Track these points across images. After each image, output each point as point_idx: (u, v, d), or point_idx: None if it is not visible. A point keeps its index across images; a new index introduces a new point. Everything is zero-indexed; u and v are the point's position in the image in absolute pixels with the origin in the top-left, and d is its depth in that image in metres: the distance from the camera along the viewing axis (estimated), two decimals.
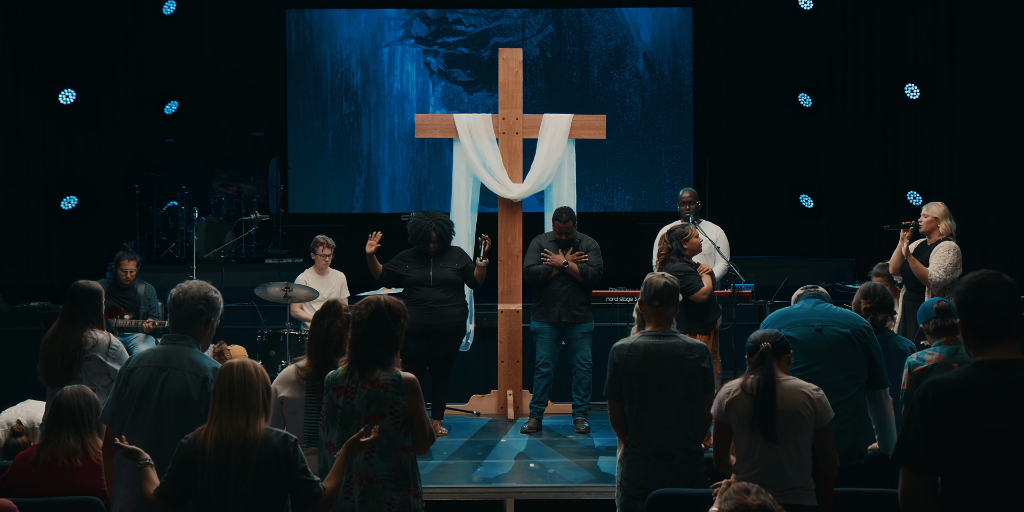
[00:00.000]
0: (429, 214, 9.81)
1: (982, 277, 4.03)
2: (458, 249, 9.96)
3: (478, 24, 16.49)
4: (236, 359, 5.03)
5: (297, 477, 4.88)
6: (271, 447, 4.84)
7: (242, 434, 4.82)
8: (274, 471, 4.83)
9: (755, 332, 5.86)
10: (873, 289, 7.13)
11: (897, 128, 15.63)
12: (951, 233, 9.17)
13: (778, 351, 5.72)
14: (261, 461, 4.81)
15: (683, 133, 16.49)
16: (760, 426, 5.53)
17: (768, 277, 13.26)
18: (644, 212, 16.21)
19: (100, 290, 7.17)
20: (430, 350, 9.68)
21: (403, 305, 5.69)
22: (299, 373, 6.16)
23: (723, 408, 5.68)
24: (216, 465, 4.80)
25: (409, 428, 5.43)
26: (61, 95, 14.88)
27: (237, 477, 4.79)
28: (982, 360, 3.97)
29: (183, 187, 14.61)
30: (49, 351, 6.88)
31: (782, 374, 5.70)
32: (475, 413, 10.56)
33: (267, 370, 5.16)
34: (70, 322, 6.97)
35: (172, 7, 15.56)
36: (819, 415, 5.60)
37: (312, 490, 4.91)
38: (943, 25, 15.04)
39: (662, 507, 5.76)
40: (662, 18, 16.44)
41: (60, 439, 5.86)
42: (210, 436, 4.83)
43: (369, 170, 16.43)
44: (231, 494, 4.79)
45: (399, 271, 9.77)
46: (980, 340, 3.99)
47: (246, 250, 14.83)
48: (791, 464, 5.55)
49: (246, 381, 4.91)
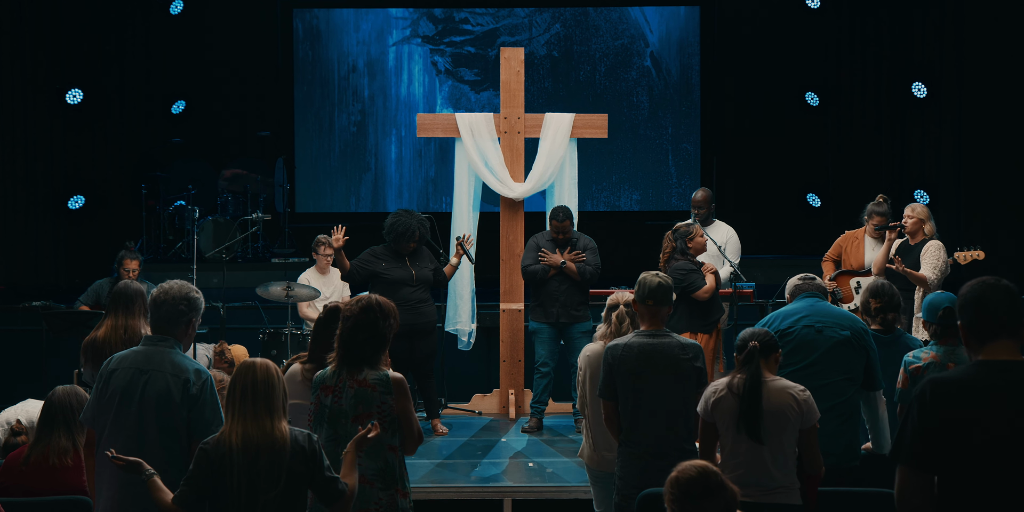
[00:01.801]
0: (411, 213, 9.79)
1: (983, 280, 4.09)
2: (426, 248, 9.95)
3: (485, 23, 16.48)
4: (257, 359, 4.96)
5: (323, 475, 4.86)
6: (299, 446, 4.81)
7: (269, 436, 4.77)
8: (303, 470, 4.81)
9: (745, 330, 5.84)
10: (881, 288, 7.10)
11: (904, 127, 15.57)
12: (934, 233, 9.39)
13: (766, 350, 5.69)
14: (292, 460, 4.78)
15: (690, 132, 16.45)
16: (745, 426, 5.52)
17: (775, 276, 13.20)
18: (651, 211, 16.18)
19: (143, 291, 7.10)
20: (412, 350, 9.62)
21: (394, 306, 5.68)
22: (304, 374, 6.17)
23: (709, 407, 5.67)
24: (246, 467, 4.75)
25: (397, 428, 5.43)
26: (68, 95, 14.91)
27: (268, 479, 4.75)
28: (982, 360, 4.00)
29: (190, 187, 14.62)
30: (107, 345, 6.72)
31: (769, 374, 5.68)
32: (477, 412, 10.56)
33: None
34: (125, 317, 6.88)
35: (179, 7, 15.58)
36: (805, 416, 5.58)
37: (337, 487, 4.89)
38: (950, 23, 15.00)
39: (652, 506, 5.73)
40: (669, 17, 16.41)
41: (52, 438, 5.87)
42: (235, 438, 4.77)
43: (376, 169, 16.43)
44: (262, 496, 4.75)
45: (373, 269, 9.69)
46: (980, 341, 4.03)
47: (252, 250, 14.84)
48: (776, 464, 5.53)
49: (270, 382, 4.85)
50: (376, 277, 9.69)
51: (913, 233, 9.52)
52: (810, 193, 16.11)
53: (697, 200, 10.52)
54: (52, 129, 14.99)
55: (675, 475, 4.35)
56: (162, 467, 5.01)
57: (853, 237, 10.18)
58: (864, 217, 10.11)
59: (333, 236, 9.65)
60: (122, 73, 15.43)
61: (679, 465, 4.38)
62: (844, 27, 15.75)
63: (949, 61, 15.05)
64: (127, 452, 5.05)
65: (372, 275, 9.69)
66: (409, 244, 9.66)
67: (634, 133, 16.35)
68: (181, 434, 5.27)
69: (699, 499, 4.28)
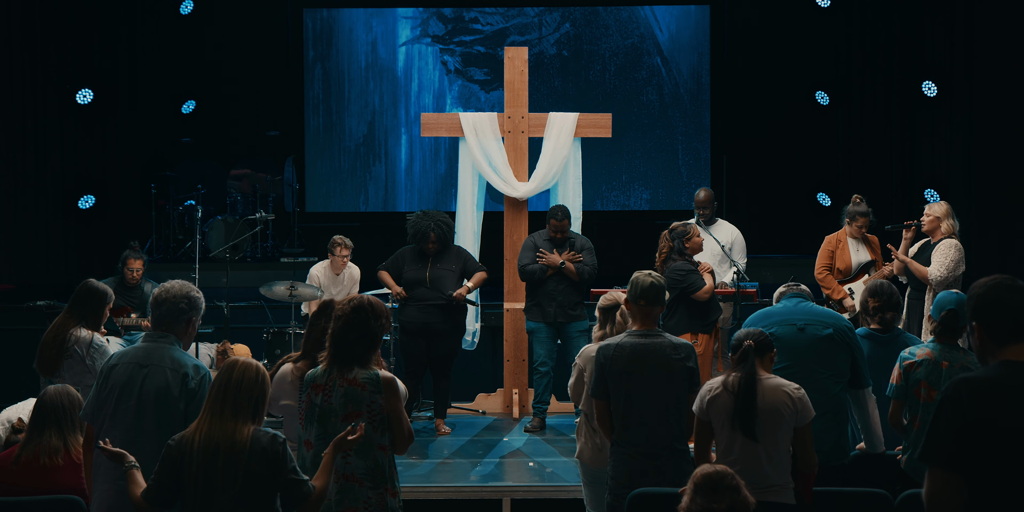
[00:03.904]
0: (428, 214, 9.83)
1: (998, 280, 4.06)
2: (458, 249, 9.97)
3: (495, 23, 16.48)
4: (241, 358, 5.00)
5: (287, 477, 4.88)
6: (260, 447, 4.83)
7: (230, 436, 4.80)
8: (264, 471, 4.83)
9: (739, 330, 5.86)
10: (880, 287, 7.08)
11: (914, 126, 15.53)
12: (953, 232, 9.26)
13: (761, 349, 5.71)
14: (251, 461, 4.80)
15: (700, 131, 16.43)
16: (740, 424, 5.53)
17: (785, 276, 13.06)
18: (661, 210, 16.14)
19: (106, 292, 7.28)
20: (429, 349, 9.73)
21: (386, 308, 5.69)
22: (295, 373, 6.18)
23: (704, 405, 5.68)
24: (203, 466, 4.79)
25: (386, 427, 5.43)
26: (79, 95, 14.95)
27: (225, 478, 4.78)
28: (1007, 361, 3.96)
29: (199, 186, 14.66)
30: (43, 343, 7.13)
31: (764, 373, 5.70)
32: (481, 412, 10.57)
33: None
34: (67, 317, 7.18)
35: (189, 7, 15.63)
36: (800, 414, 5.59)
37: (302, 489, 4.91)
38: (960, 22, 14.95)
39: (643, 506, 5.74)
40: (679, 16, 16.38)
41: (42, 438, 5.91)
42: (198, 436, 4.81)
43: (386, 169, 16.44)
44: (218, 495, 4.78)
45: (399, 272, 9.83)
46: (998, 343, 3.99)
47: (262, 249, 14.87)
48: (770, 462, 5.54)
49: (243, 384, 4.89)
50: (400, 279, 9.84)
51: (931, 231, 9.40)
52: (820, 192, 16.07)
53: (700, 200, 10.52)
54: (62, 129, 15.04)
55: (697, 470, 4.50)
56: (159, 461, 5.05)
57: (836, 240, 10.08)
58: (845, 219, 10.02)
59: (394, 290, 9.83)
60: (132, 73, 15.49)
61: (697, 493, 4.46)
62: (854, 26, 15.70)
63: (959, 60, 15.01)
64: (124, 445, 5.14)
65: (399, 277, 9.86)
66: (427, 245, 9.74)
67: (644, 132, 16.34)
68: (178, 428, 5.27)
69: (707, 494, 4.39)
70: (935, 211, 9.39)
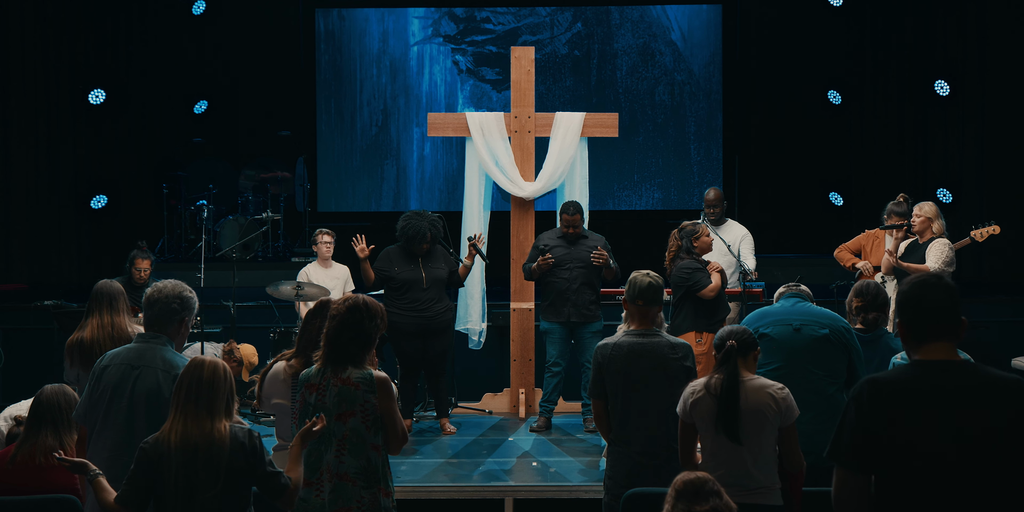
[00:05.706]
0: (422, 215, 9.79)
1: (923, 278, 4.06)
2: (440, 248, 9.94)
3: (506, 22, 16.48)
4: (205, 357, 5.04)
5: (264, 470, 4.91)
6: (239, 443, 4.86)
7: (207, 435, 4.82)
8: (243, 466, 4.86)
9: (723, 329, 5.79)
10: (865, 287, 7.06)
11: (927, 125, 15.46)
12: (943, 232, 9.35)
13: (744, 349, 5.62)
14: (232, 457, 4.83)
15: (712, 131, 16.40)
16: (723, 426, 5.46)
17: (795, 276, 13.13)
18: (673, 210, 16.11)
19: (122, 290, 7.17)
20: (425, 349, 9.69)
21: (381, 307, 5.68)
22: (287, 371, 6.20)
23: (687, 408, 5.62)
24: (183, 465, 4.80)
25: (380, 426, 5.44)
26: (91, 95, 15.01)
27: (206, 477, 4.80)
28: (919, 360, 3.96)
29: (210, 186, 14.70)
30: (95, 344, 6.73)
31: (747, 373, 5.62)
32: (487, 411, 10.56)
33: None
34: (112, 314, 6.90)
35: (202, 7, 15.66)
36: (784, 415, 5.53)
37: (279, 481, 4.95)
38: (973, 21, 14.90)
39: (637, 506, 5.73)
40: (691, 15, 16.35)
41: (39, 437, 5.92)
42: (174, 437, 4.82)
43: (398, 168, 16.46)
44: (200, 494, 4.80)
45: (389, 274, 9.74)
46: (917, 340, 3.98)
47: (272, 249, 14.89)
48: (756, 464, 5.48)
49: (214, 382, 4.91)
50: (389, 280, 9.72)
51: (921, 232, 9.48)
52: (832, 192, 16.03)
53: (709, 199, 10.53)
54: (75, 129, 15.11)
55: (678, 477, 4.50)
56: None
57: (874, 236, 10.15)
58: (884, 216, 10.07)
59: (357, 246, 9.67)
60: (144, 73, 15.52)
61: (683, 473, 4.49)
62: (866, 25, 15.65)
63: (972, 59, 14.96)
64: (117, 446, 5.16)
65: (390, 279, 9.72)
66: (421, 246, 9.67)
67: (656, 132, 16.32)
68: None
69: (689, 499, 4.39)
70: (926, 212, 9.49)
